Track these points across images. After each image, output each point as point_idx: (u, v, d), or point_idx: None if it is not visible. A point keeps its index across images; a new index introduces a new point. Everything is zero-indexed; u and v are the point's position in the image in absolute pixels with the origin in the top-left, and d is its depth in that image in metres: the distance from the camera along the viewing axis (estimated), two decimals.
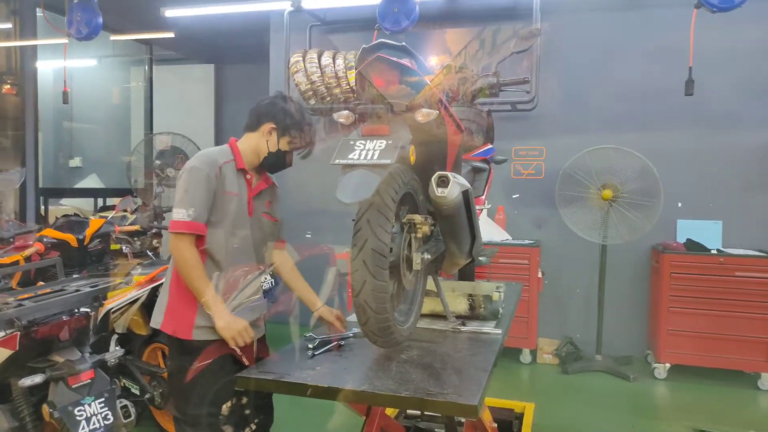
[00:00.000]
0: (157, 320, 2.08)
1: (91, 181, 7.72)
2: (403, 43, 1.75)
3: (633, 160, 4.22)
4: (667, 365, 4.32)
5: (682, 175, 4.54)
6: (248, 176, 2.10)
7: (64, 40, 5.08)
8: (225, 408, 2.13)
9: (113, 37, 6.84)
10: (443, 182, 1.68)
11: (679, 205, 4.59)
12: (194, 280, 1.93)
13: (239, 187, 2.07)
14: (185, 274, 1.95)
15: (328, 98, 4.80)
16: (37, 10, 5.82)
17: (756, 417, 3.75)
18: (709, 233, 4.49)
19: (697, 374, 4.32)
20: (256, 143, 2.09)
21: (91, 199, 6.78)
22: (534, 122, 4.85)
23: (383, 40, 1.75)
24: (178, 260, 1.96)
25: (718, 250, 4.33)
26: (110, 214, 4.68)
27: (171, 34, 6.42)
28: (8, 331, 2.32)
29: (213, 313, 1.93)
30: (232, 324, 1.92)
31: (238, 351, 1.97)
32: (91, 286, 2.66)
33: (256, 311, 2.16)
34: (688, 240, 4.42)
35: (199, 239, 1.97)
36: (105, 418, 2.39)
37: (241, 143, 2.13)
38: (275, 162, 2.12)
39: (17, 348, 2.32)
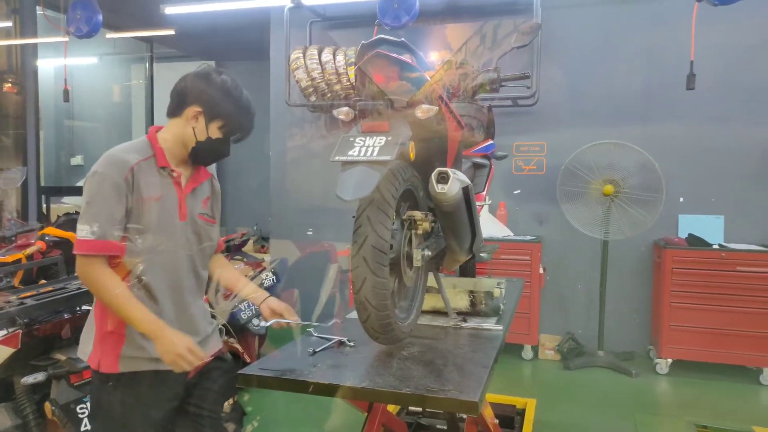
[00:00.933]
0: (84, 350, 1.76)
1: None
2: (403, 39, 1.75)
3: (634, 155, 4.21)
4: (669, 361, 4.32)
5: (683, 170, 4.53)
6: (174, 174, 1.76)
7: (65, 38, 5.08)
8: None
9: (113, 35, 6.85)
10: (443, 178, 1.68)
11: (681, 200, 4.58)
12: (119, 307, 1.62)
13: (163, 188, 1.73)
14: (105, 301, 1.65)
15: (329, 95, 4.80)
16: (37, 8, 5.82)
17: (758, 412, 3.75)
18: (710, 228, 4.48)
19: (699, 369, 4.32)
20: (182, 131, 1.74)
21: None
22: (535, 118, 4.84)
23: (383, 36, 1.74)
24: (90, 288, 1.65)
25: (720, 245, 4.32)
26: None
27: (171, 32, 6.42)
28: (10, 329, 2.33)
29: (152, 338, 1.63)
30: (173, 347, 1.61)
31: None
32: None
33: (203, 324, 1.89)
34: (690, 235, 4.41)
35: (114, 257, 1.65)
36: None
37: (163, 133, 1.77)
38: (208, 152, 1.78)
39: (19, 346, 2.33)
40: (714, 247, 4.27)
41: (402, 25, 4.27)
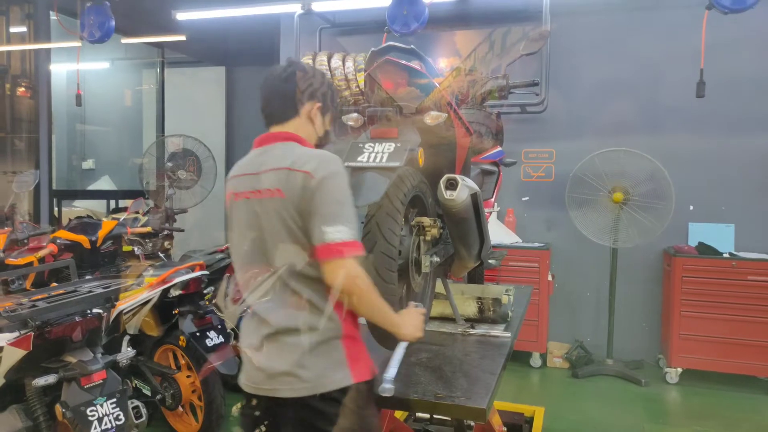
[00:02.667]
0: (335, 378, 1.48)
1: (104, 183, 7.78)
2: (412, 46, 1.76)
3: (644, 163, 4.19)
4: (679, 370, 4.28)
5: (693, 178, 4.51)
6: None
7: (78, 44, 5.14)
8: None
9: (125, 40, 6.91)
10: (452, 185, 1.68)
11: (691, 208, 4.55)
12: (381, 306, 1.50)
13: None
14: (370, 302, 1.48)
15: (338, 101, 4.82)
16: (51, 13, 5.89)
17: None
18: (721, 236, 4.45)
19: (709, 379, 4.27)
20: (305, 129, 1.63)
21: (104, 201, 6.84)
22: (543, 125, 4.83)
23: (392, 42, 1.75)
24: (358, 291, 1.44)
25: (730, 253, 4.29)
26: (122, 216, 4.72)
27: (182, 37, 6.48)
28: (22, 332, 2.36)
29: (396, 326, 1.55)
30: (413, 320, 1.59)
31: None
32: (104, 288, 2.69)
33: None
34: (700, 243, 4.38)
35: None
36: (117, 418, 2.41)
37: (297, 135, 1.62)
38: (326, 146, 1.71)
39: (31, 348, 2.35)
40: (724, 255, 4.24)
41: (411, 32, 4.28)
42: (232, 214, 1.61)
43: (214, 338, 3.15)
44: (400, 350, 1.59)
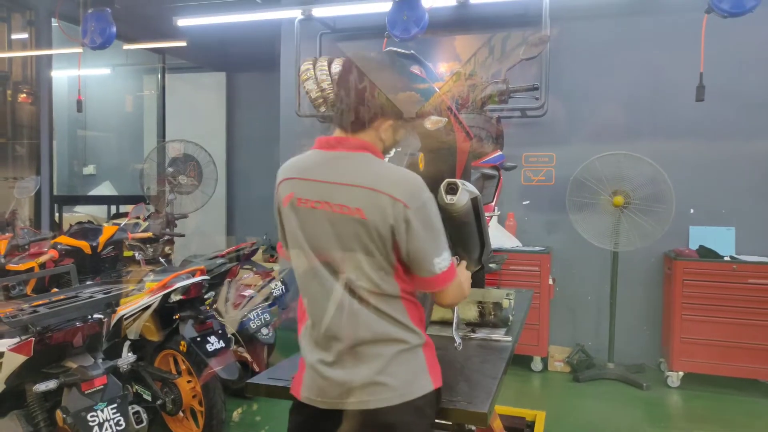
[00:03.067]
0: (412, 389, 1.45)
1: (105, 189, 7.81)
2: (412, 51, 1.77)
3: (644, 167, 4.20)
4: (681, 373, 4.27)
5: (694, 182, 4.51)
6: None
7: (79, 50, 5.16)
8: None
9: (126, 47, 6.94)
10: (452, 189, 1.68)
11: (692, 211, 4.55)
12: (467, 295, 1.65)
13: None
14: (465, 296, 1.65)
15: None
16: (53, 20, 5.91)
17: None
18: (721, 240, 4.45)
19: (710, 383, 4.27)
20: (380, 141, 1.53)
21: (105, 207, 6.85)
22: (544, 129, 4.84)
23: (392, 48, 1.76)
24: (467, 293, 1.65)
25: (731, 256, 4.29)
26: (123, 222, 4.73)
27: (183, 43, 6.50)
28: (23, 337, 2.36)
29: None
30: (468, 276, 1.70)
31: None
32: (104, 293, 2.69)
33: None
34: (701, 247, 4.38)
35: None
36: (117, 423, 2.41)
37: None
38: None
39: (32, 354, 2.35)
40: (725, 259, 4.24)
41: (411, 37, 4.30)
42: (292, 219, 1.50)
43: (214, 343, 3.15)
44: None
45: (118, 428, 2.40)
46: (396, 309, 1.46)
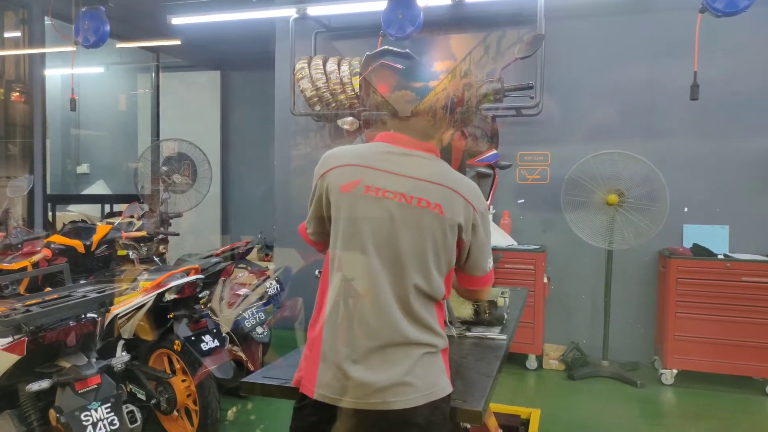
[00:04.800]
0: (437, 391, 1.47)
1: (99, 188, 7.77)
2: (407, 50, 1.77)
3: (638, 165, 4.21)
4: (675, 371, 4.29)
5: (688, 180, 4.53)
6: None
7: (72, 48, 5.13)
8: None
9: (120, 45, 6.90)
10: None
11: (686, 209, 4.57)
12: None
13: None
14: None
15: (333, 104, 4.82)
16: (46, 18, 5.88)
17: (764, 423, 3.72)
18: (715, 238, 4.47)
19: (704, 380, 4.29)
20: (439, 146, 1.61)
21: (98, 206, 6.82)
22: (538, 127, 4.85)
23: (387, 47, 1.76)
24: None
25: (725, 255, 4.31)
26: (117, 221, 4.71)
27: (177, 42, 6.48)
28: (16, 337, 2.35)
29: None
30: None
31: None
32: (98, 292, 2.68)
33: None
34: (695, 245, 4.40)
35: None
36: (111, 423, 2.40)
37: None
38: None
39: (25, 353, 2.34)
40: (719, 257, 4.26)
41: (406, 36, 4.30)
42: (352, 205, 1.46)
43: (209, 342, 3.14)
44: None
45: (112, 428, 2.39)
46: (431, 312, 1.49)
